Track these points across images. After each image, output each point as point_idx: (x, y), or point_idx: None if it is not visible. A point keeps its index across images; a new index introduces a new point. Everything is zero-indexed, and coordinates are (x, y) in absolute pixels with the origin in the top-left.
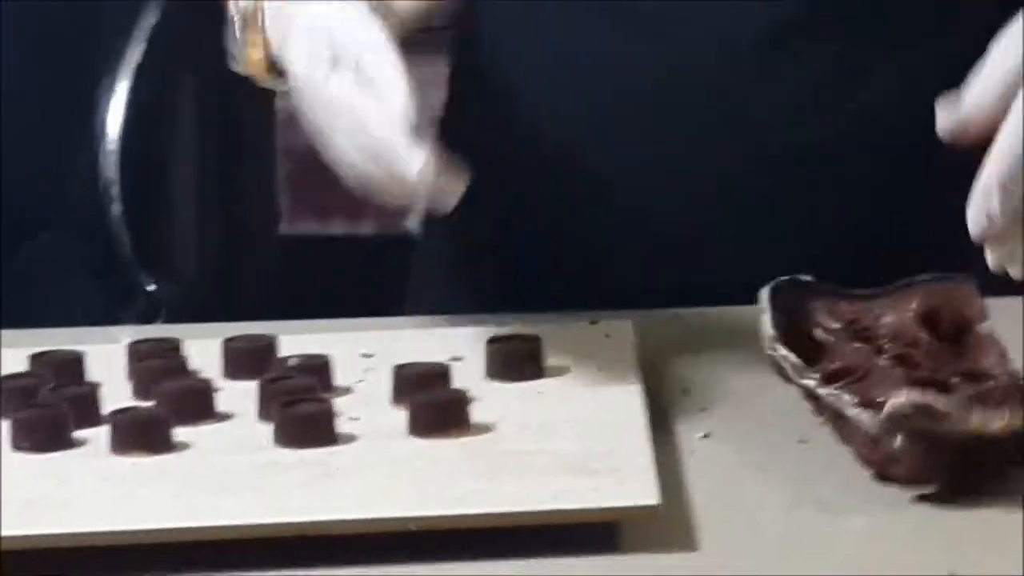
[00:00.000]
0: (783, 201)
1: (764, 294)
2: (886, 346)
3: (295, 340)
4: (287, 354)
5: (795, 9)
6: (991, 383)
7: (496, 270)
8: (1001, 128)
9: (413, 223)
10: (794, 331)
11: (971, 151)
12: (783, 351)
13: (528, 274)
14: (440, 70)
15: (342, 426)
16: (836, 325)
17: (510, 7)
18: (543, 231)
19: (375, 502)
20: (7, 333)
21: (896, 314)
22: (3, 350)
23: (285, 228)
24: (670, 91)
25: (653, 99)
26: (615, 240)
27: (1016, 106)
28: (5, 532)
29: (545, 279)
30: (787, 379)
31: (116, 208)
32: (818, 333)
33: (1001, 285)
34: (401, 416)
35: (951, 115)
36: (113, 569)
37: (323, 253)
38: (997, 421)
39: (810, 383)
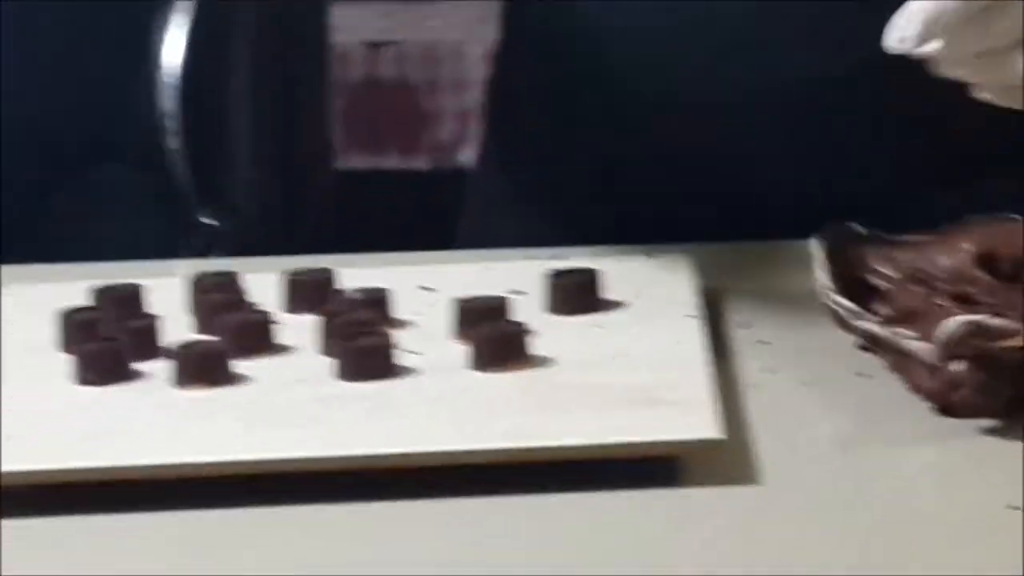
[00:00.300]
0: (840, 134)
1: (815, 244)
2: (943, 287)
3: (353, 273)
4: (346, 287)
5: None
6: None
7: (550, 204)
8: None
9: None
10: (849, 279)
11: None
12: (839, 299)
13: (583, 207)
14: (494, 5)
15: (402, 359)
16: (892, 271)
17: None
18: (598, 163)
19: (435, 435)
20: (67, 266)
21: (952, 256)
22: (64, 283)
23: (339, 163)
24: (725, 22)
25: (709, 31)
26: (672, 173)
27: None
28: (68, 464)
29: (600, 213)
30: (845, 326)
31: (173, 141)
32: (873, 280)
33: None
34: (461, 350)
35: None
36: (173, 501)
37: (376, 188)
38: None
39: (868, 324)
